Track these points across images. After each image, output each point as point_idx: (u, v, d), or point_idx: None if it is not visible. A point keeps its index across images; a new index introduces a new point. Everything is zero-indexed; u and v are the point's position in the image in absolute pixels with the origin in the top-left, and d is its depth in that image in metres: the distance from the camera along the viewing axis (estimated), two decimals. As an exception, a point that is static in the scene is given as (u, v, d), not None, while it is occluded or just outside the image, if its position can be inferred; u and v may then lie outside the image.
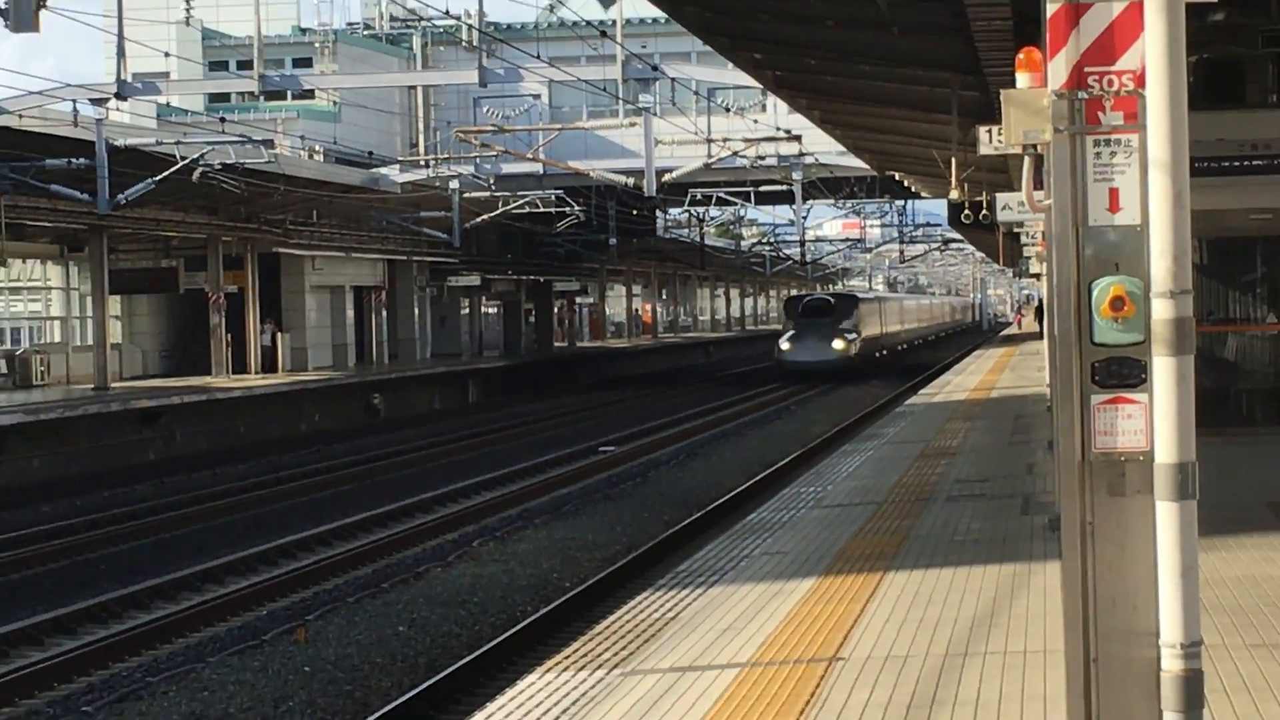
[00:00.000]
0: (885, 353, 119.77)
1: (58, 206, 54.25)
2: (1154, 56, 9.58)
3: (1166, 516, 9.61)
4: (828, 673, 13.85)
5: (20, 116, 46.76)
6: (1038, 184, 13.37)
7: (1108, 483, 9.76)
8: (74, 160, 50.46)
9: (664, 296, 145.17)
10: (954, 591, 17.27)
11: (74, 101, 49.36)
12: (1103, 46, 9.64)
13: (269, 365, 72.23)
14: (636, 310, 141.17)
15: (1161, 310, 9.56)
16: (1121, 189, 9.68)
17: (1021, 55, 10.56)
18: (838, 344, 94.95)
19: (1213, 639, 10.09)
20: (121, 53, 45.65)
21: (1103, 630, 9.80)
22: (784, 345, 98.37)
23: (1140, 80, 9.60)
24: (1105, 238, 9.69)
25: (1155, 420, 9.63)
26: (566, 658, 15.09)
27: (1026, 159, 15.31)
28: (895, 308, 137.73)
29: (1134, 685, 9.76)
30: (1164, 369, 9.58)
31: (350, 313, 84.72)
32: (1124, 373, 9.69)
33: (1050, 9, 9.72)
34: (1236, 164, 29.10)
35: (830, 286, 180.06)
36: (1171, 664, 9.62)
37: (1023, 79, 10.19)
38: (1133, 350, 9.65)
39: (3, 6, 22.70)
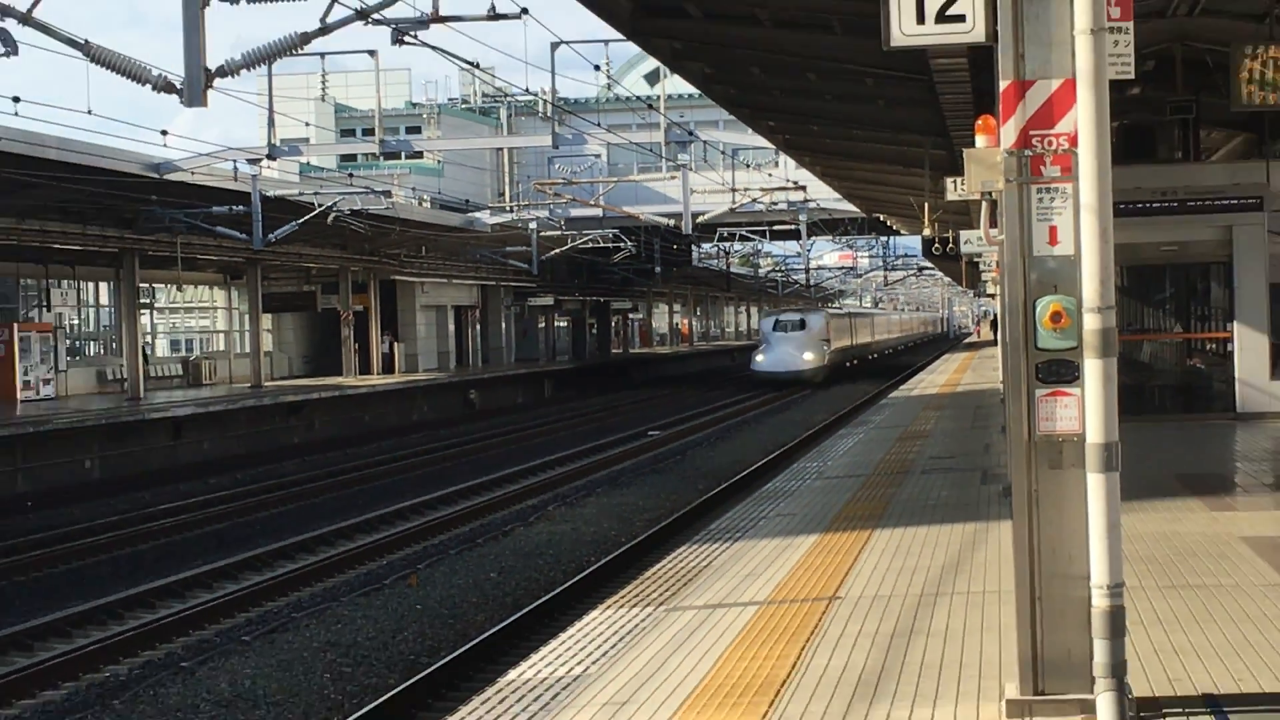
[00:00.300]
0: (856, 361, 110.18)
1: (222, 244, 54.36)
2: (1084, 123, 9.55)
3: (1095, 485, 9.59)
4: (828, 609, 13.81)
5: (193, 173, 46.73)
6: (993, 223, 13.37)
7: (1049, 459, 9.73)
8: (234, 207, 50.63)
9: (698, 313, 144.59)
10: (927, 545, 17.22)
11: (234, 161, 49.34)
12: (1044, 115, 9.60)
13: (387, 368, 72.40)
14: (676, 324, 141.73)
15: (1091, 322, 9.55)
16: (1059, 227, 9.64)
17: (980, 122, 10.52)
18: (808, 356, 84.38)
19: (1132, 582, 10.07)
20: (271, 123, 45.59)
21: (1045, 575, 9.76)
22: (757, 358, 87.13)
23: (1073, 141, 9.57)
24: (1046, 265, 9.66)
25: (1086, 409, 9.61)
26: (622, 597, 15.08)
27: (984, 204, 15.16)
28: (866, 322, 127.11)
29: (1070, 618, 9.72)
30: (1093, 369, 9.57)
31: (451, 326, 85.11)
32: (1061, 372, 9.66)
33: (1003, 85, 9.68)
34: (1149, 207, 29.11)
35: (830, 304, 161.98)
36: (1100, 601, 9.58)
37: (981, 140, 10.15)
38: (1068, 354, 9.63)
39: (179, 85, 22.61)
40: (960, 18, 10.28)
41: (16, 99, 33.21)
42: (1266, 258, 29.93)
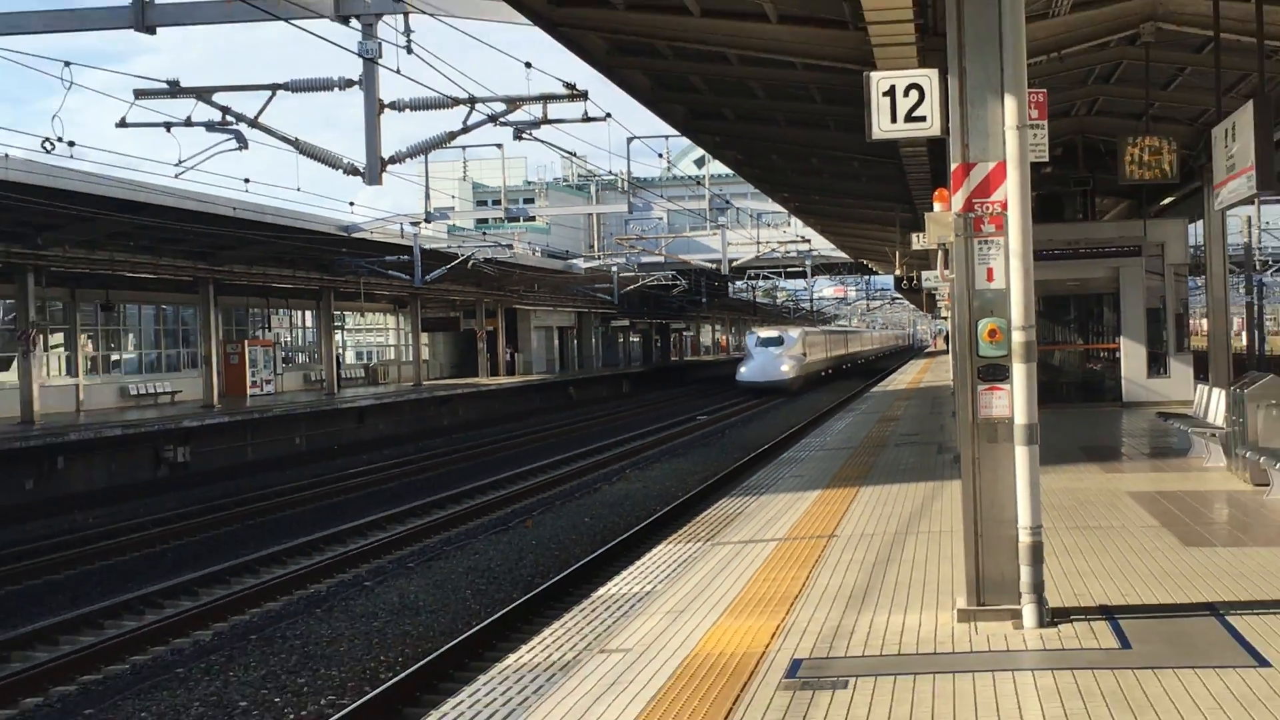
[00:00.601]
0: (830, 371, 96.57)
1: (392, 283, 54.54)
2: (1012, 193, 9.52)
3: (1020, 454, 9.56)
4: (828, 544, 13.78)
5: (371, 232, 47.07)
6: (946, 265, 13.26)
7: (987, 435, 9.69)
8: (401, 256, 50.88)
9: (733, 331, 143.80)
10: (899, 498, 17.16)
11: (401, 223, 49.65)
12: (983, 188, 9.56)
13: (509, 371, 72.65)
14: (716, 339, 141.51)
15: (1017, 337, 9.53)
16: (994, 268, 9.60)
17: (936, 193, 10.48)
18: (784, 367, 73.39)
19: (1048, 524, 10.04)
20: (427, 196, 45.83)
21: (984, 519, 9.72)
22: (741, 369, 75.82)
23: (1004, 206, 9.54)
24: (985, 296, 9.62)
25: (1014, 400, 9.57)
26: (679, 535, 15.07)
27: (940, 252, 14.96)
28: (841, 338, 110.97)
29: (1003, 550, 9.68)
30: (1019, 371, 9.54)
31: (555, 341, 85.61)
32: (996, 373, 9.61)
33: (953, 166, 9.66)
34: (1059, 253, 29.13)
35: (821, 323, 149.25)
36: (1024, 538, 9.55)
37: (937, 206, 10.13)
38: (1001, 360, 9.59)
39: (362, 170, 22.69)
40: (922, 118, 10.25)
41: (246, 180, 33.48)
42: (1144, 290, 30.41)
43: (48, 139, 23.92)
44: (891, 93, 10.30)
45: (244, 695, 14.17)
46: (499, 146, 51.40)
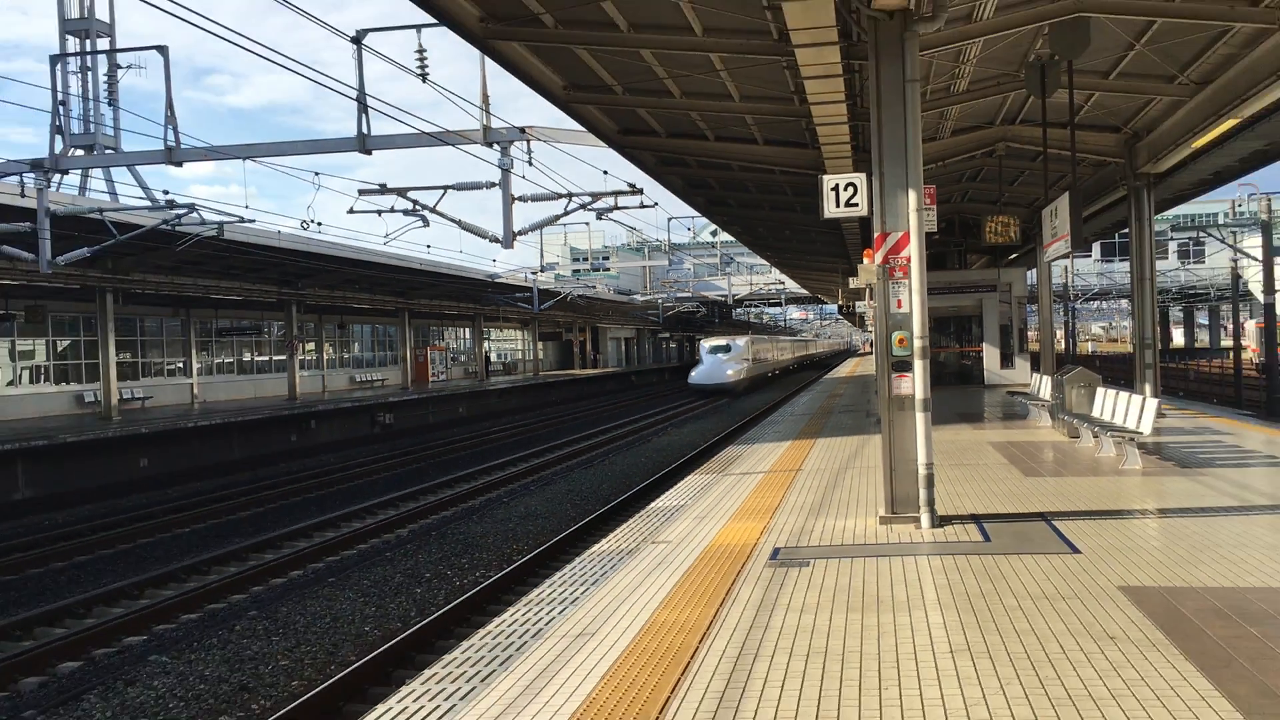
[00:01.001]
0: (777, 372, 74.23)
1: (519, 310, 54.53)
2: (914, 251, 9.48)
3: (919, 418, 9.52)
4: (796, 475, 13.74)
5: (507, 279, 47.15)
6: (871, 297, 13.21)
7: (897, 405, 9.65)
8: (524, 293, 50.84)
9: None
10: (842, 446, 17.09)
11: (525, 273, 49.77)
12: (895, 248, 9.51)
13: (594, 366, 72.54)
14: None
15: (916, 343, 9.48)
16: (902, 299, 9.56)
17: (865, 252, 10.45)
18: (729, 371, 55.94)
19: (937, 462, 9.99)
20: (541, 255, 46.28)
21: (896, 459, 9.68)
22: (692, 373, 57.63)
23: (909, 260, 9.50)
24: (896, 317, 9.57)
25: (915, 383, 9.52)
26: (702, 469, 15.04)
27: (867, 288, 14.76)
28: (787, 344, 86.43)
29: (908, 479, 9.64)
30: (918, 365, 9.49)
31: (623, 347, 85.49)
32: (903, 366, 9.57)
33: (875, 234, 9.62)
34: (943, 289, 28.89)
35: (781, 334, 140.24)
36: (922, 471, 9.51)
37: (866, 260, 10.10)
38: (906, 358, 9.54)
39: (500, 238, 22.73)
40: (856, 204, 10.22)
41: (428, 246, 33.79)
42: (998, 313, 30.28)
43: (305, 221, 24.20)
44: (836, 188, 10.29)
45: (428, 569, 14.29)
46: (587, 224, 52.08)
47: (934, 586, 7.50)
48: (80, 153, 33.73)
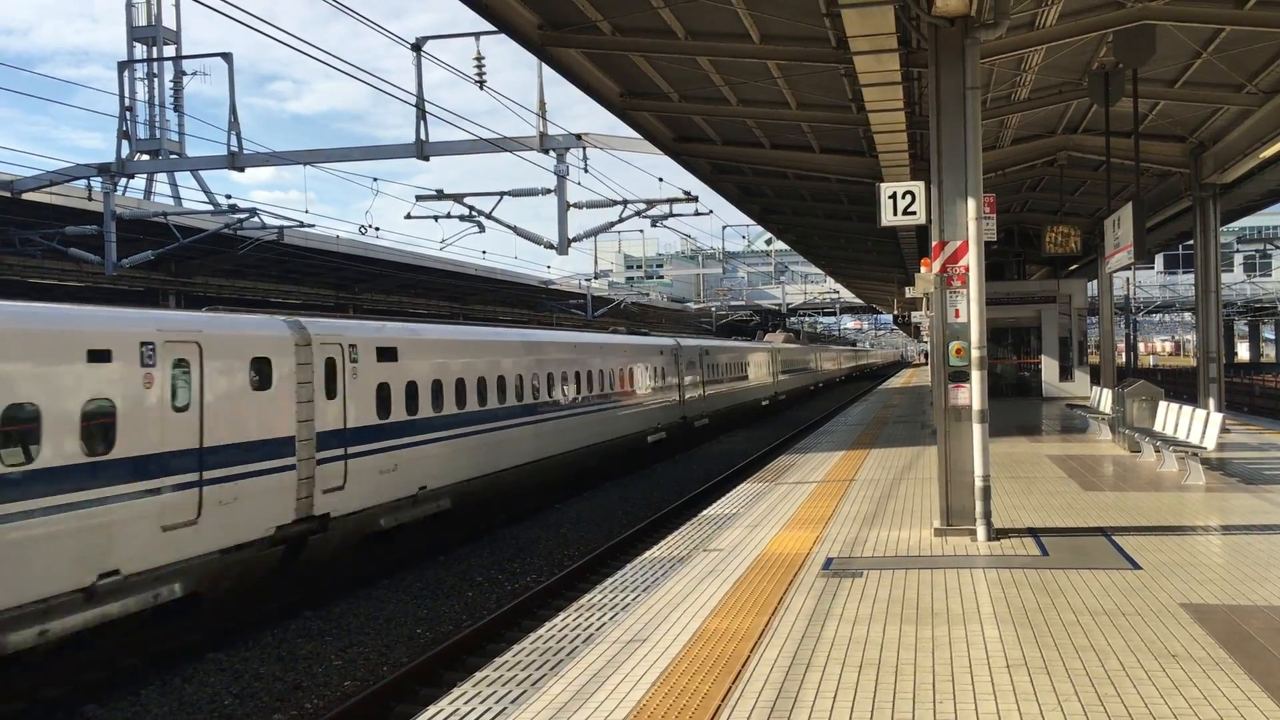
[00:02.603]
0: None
1: (573, 316, 54.71)
2: (972, 261, 9.40)
3: (976, 429, 9.43)
4: (850, 485, 13.65)
5: (561, 285, 47.41)
6: (928, 307, 13.11)
7: (954, 416, 9.57)
8: (576, 299, 51.12)
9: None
10: (896, 456, 16.96)
11: (579, 280, 50.08)
12: (953, 257, 9.45)
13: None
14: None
15: (974, 354, 9.41)
16: (960, 309, 9.49)
17: (922, 261, 10.36)
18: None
19: (994, 475, 9.89)
20: (595, 262, 46.47)
21: (952, 470, 9.60)
22: None
23: (967, 269, 9.42)
24: (954, 327, 9.50)
25: (972, 393, 9.44)
26: (755, 478, 14.99)
27: (924, 298, 14.65)
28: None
29: (964, 490, 9.56)
30: (975, 375, 9.41)
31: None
32: (961, 376, 9.50)
33: (934, 243, 9.56)
34: (1000, 301, 28.65)
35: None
36: (978, 483, 9.42)
37: (923, 269, 10.00)
38: (964, 368, 9.47)
39: (556, 245, 22.85)
40: (914, 213, 10.14)
41: (484, 252, 34.19)
42: (1056, 325, 29.95)
43: (363, 226, 24.55)
44: (894, 196, 10.21)
45: (479, 573, 14.35)
46: (641, 231, 52.27)
47: (990, 600, 7.40)
48: (146, 157, 34.39)
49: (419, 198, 23.97)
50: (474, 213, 23.83)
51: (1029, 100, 16.30)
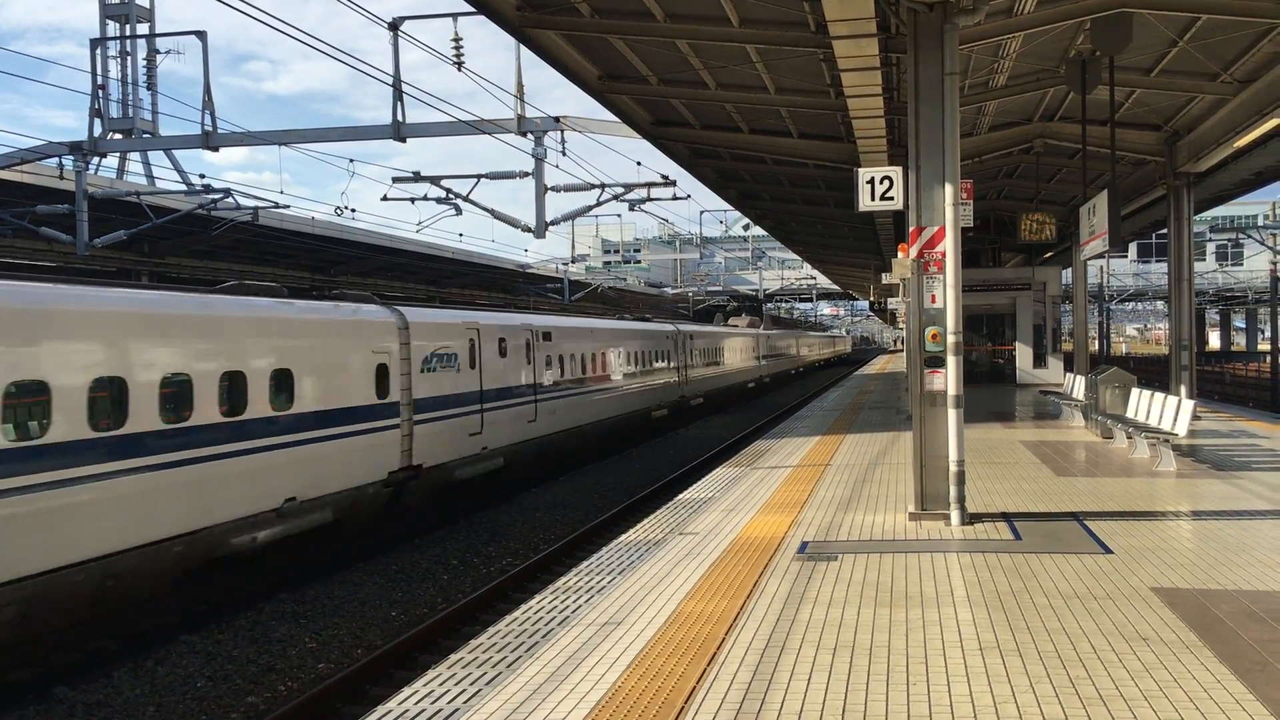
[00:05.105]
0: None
1: (549, 300, 54.51)
2: (949, 247, 9.42)
3: (951, 414, 9.46)
4: (825, 470, 13.69)
5: (538, 270, 47.25)
6: (905, 293, 13.13)
7: (930, 402, 9.60)
8: (555, 284, 50.97)
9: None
10: (870, 442, 17.02)
11: (556, 265, 49.91)
12: (930, 243, 9.47)
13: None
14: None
15: (950, 339, 9.43)
16: (936, 295, 9.51)
17: (900, 247, 10.37)
18: None
19: (968, 460, 9.93)
20: (573, 246, 46.16)
21: (927, 455, 9.64)
22: None
23: (944, 255, 9.44)
24: (930, 312, 9.52)
25: (948, 379, 9.47)
26: (731, 463, 15.00)
27: (901, 284, 14.70)
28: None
29: (939, 476, 9.60)
30: (951, 361, 9.44)
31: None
32: (937, 362, 9.52)
33: (911, 228, 9.57)
34: (977, 287, 28.76)
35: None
36: (953, 468, 9.46)
37: (900, 255, 10.01)
38: (940, 354, 9.49)
39: (533, 228, 22.77)
40: (892, 198, 10.16)
41: (460, 235, 33.97)
42: (1031, 312, 30.05)
43: (339, 207, 24.35)
44: (872, 181, 10.22)
45: (454, 555, 14.33)
46: (619, 215, 51.86)
47: (963, 583, 7.44)
48: (118, 136, 33.99)
49: (396, 180, 23.81)
50: (451, 195, 23.69)
51: (1006, 87, 16.34)
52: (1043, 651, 5.91)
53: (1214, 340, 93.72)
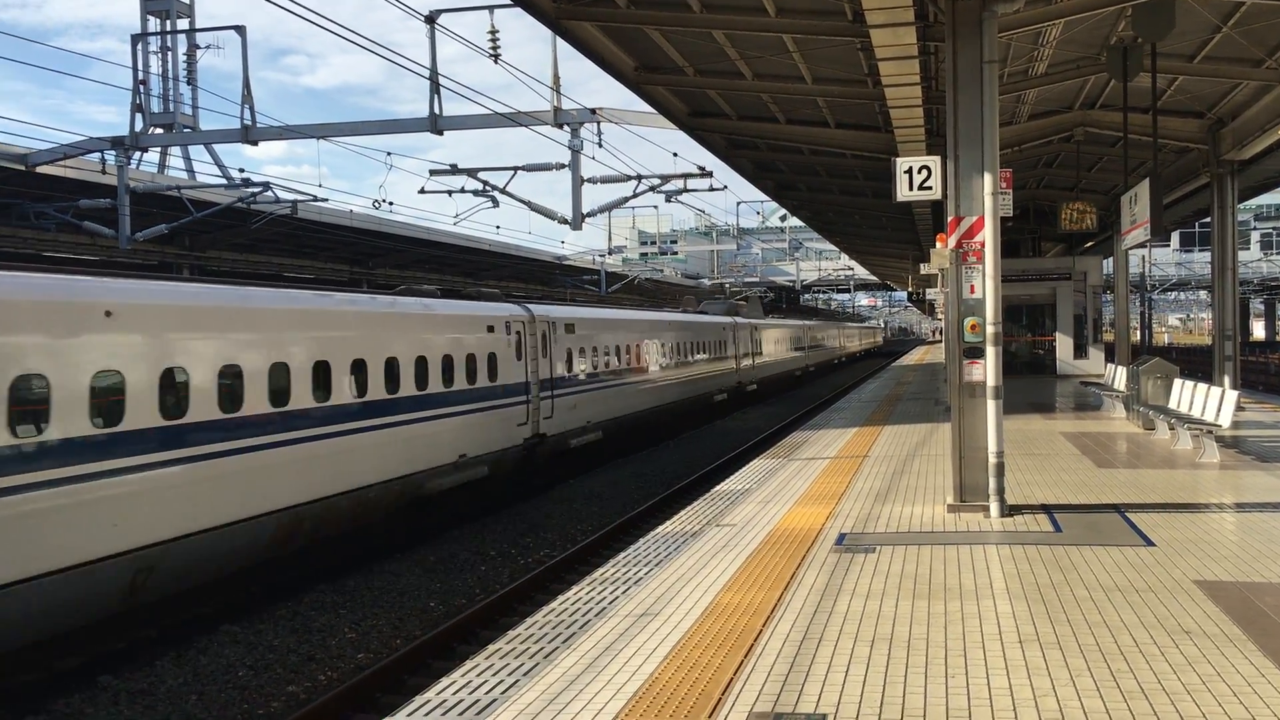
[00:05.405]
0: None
1: (586, 291, 54.50)
2: (988, 236, 9.35)
3: (990, 405, 9.40)
4: (863, 462, 13.64)
5: (576, 262, 47.24)
6: (943, 283, 13.03)
7: (968, 392, 9.54)
8: (590, 275, 50.96)
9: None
10: (909, 433, 16.92)
11: (594, 256, 49.88)
12: (969, 232, 9.40)
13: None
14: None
15: (989, 330, 9.37)
16: (975, 284, 9.44)
17: (938, 236, 10.29)
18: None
19: (1007, 451, 9.84)
20: (609, 238, 46.14)
21: (965, 446, 9.59)
22: None
23: (983, 245, 9.37)
24: (969, 303, 9.46)
25: (987, 369, 9.40)
26: (768, 454, 14.96)
27: (940, 274, 14.53)
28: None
29: (978, 467, 9.53)
30: (990, 351, 9.38)
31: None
32: (975, 352, 9.45)
33: (949, 218, 9.50)
34: (1015, 277, 28.52)
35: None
36: (992, 459, 9.40)
37: (938, 245, 9.94)
38: (979, 344, 9.42)
39: (570, 220, 22.78)
40: (930, 188, 10.08)
41: (498, 227, 34.17)
42: (1071, 302, 29.79)
43: (376, 200, 24.49)
44: (910, 171, 10.14)
45: (492, 547, 14.40)
46: (655, 207, 51.89)
47: (1003, 576, 7.39)
48: (159, 131, 34.33)
49: (433, 172, 23.91)
50: (488, 187, 23.77)
51: (1046, 75, 16.16)
52: (1084, 644, 5.86)
53: (1258, 330, 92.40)
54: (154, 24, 39.88)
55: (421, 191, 24.52)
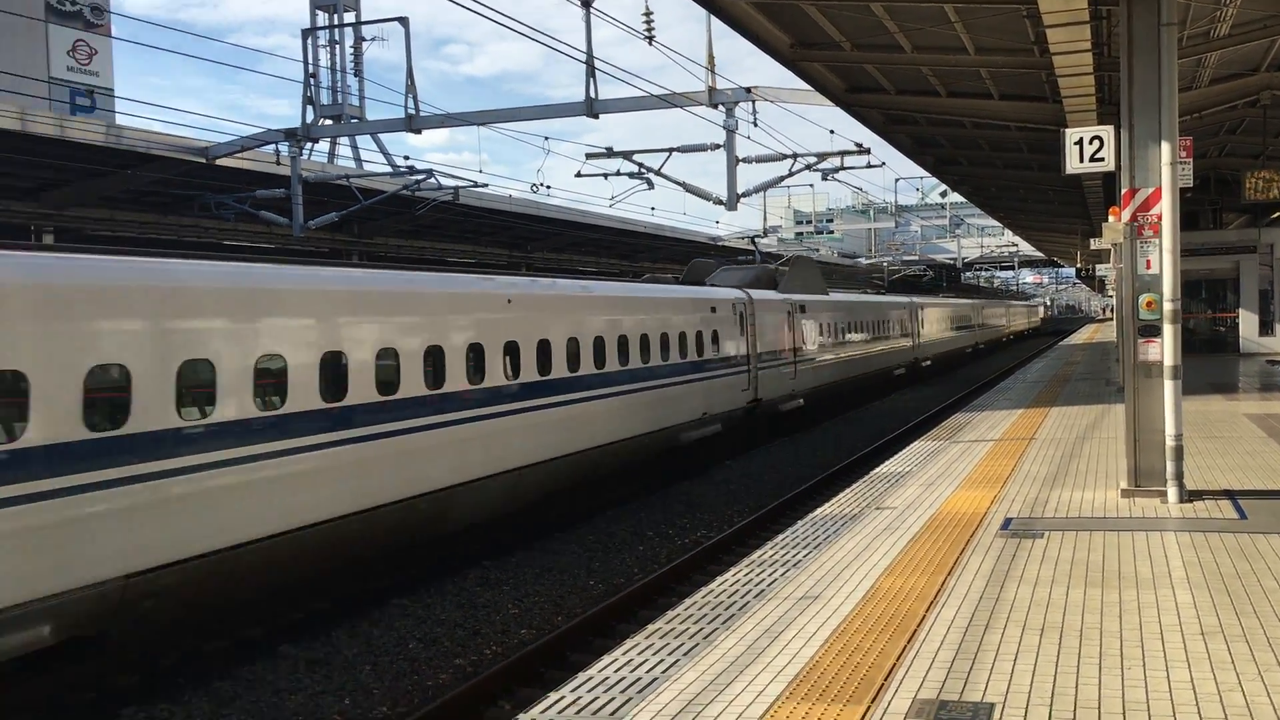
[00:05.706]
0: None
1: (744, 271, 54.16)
2: (1165, 209, 8.93)
3: (1168, 385, 9.00)
4: (1029, 444, 13.25)
5: (730, 242, 46.99)
6: (1117, 259, 12.51)
7: (1144, 373, 9.15)
8: (745, 255, 50.49)
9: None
10: (1079, 415, 16.35)
11: (748, 236, 49.45)
12: (1145, 205, 9.00)
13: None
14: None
15: (1167, 307, 8.97)
16: (1151, 260, 9.04)
17: (1111, 210, 9.87)
18: None
19: (1186, 434, 9.39)
20: (764, 219, 45.90)
21: (1140, 429, 9.20)
22: None
23: (1159, 218, 8.95)
24: (1144, 279, 9.07)
25: (1164, 348, 8.99)
26: (929, 435, 14.64)
27: (1112, 249, 13.93)
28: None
29: (1154, 450, 9.15)
30: (1167, 329, 8.97)
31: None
32: (1151, 330, 9.07)
33: (1123, 190, 9.11)
34: (1195, 251, 27.28)
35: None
36: (1170, 442, 9.01)
37: (1111, 219, 9.54)
38: (1155, 322, 9.04)
39: (725, 201, 22.71)
40: (1102, 159, 9.67)
41: (653, 209, 34.39)
42: (1256, 277, 28.40)
43: (534, 184, 24.89)
44: (1080, 142, 9.75)
45: (650, 527, 14.52)
46: (811, 185, 51.49)
47: (1182, 564, 7.07)
48: (329, 122, 35.59)
49: (589, 156, 24.13)
50: (643, 170, 23.87)
51: (1230, 36, 15.27)
52: (1271, 638, 5.56)
53: None
54: (323, 18, 41.40)
55: (578, 175, 24.78)
